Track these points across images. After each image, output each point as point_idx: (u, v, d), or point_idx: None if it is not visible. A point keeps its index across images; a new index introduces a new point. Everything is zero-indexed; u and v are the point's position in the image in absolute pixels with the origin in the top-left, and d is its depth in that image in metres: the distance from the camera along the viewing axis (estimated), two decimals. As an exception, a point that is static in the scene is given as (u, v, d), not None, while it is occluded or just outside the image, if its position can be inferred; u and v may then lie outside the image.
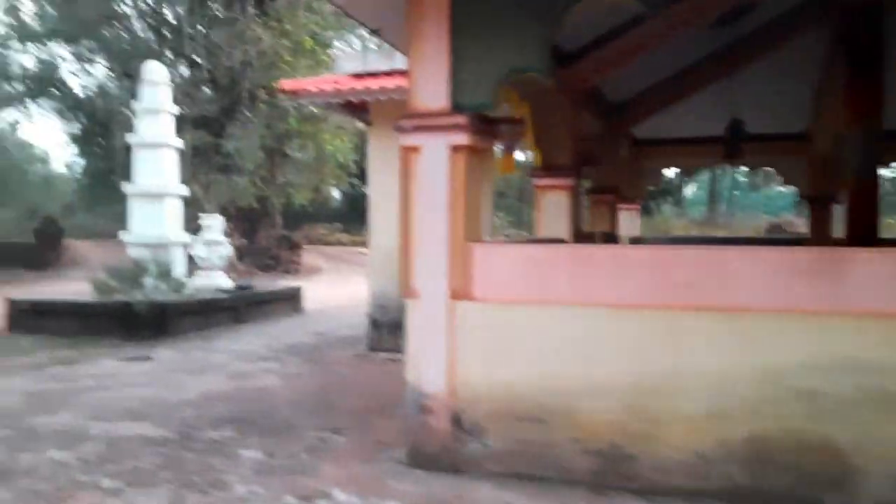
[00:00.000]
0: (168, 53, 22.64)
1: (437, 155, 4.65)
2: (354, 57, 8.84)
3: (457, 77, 4.60)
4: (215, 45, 21.16)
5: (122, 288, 10.33)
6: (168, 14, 25.39)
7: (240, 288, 12.46)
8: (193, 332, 10.56)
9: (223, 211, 18.69)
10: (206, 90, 22.76)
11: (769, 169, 14.92)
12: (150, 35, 26.84)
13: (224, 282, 12.81)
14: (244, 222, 21.04)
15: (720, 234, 24.07)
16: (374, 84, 8.32)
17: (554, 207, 7.99)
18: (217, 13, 22.11)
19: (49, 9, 25.63)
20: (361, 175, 30.89)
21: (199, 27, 21.89)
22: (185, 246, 12.25)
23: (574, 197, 8.13)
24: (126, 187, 11.82)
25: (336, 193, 28.12)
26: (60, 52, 27.56)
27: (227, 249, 12.95)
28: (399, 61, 8.35)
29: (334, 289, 17.98)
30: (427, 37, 4.63)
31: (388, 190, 8.73)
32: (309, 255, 23.74)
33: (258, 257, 20.98)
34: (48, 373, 7.76)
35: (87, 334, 9.92)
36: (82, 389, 6.93)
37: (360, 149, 23.90)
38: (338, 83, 8.54)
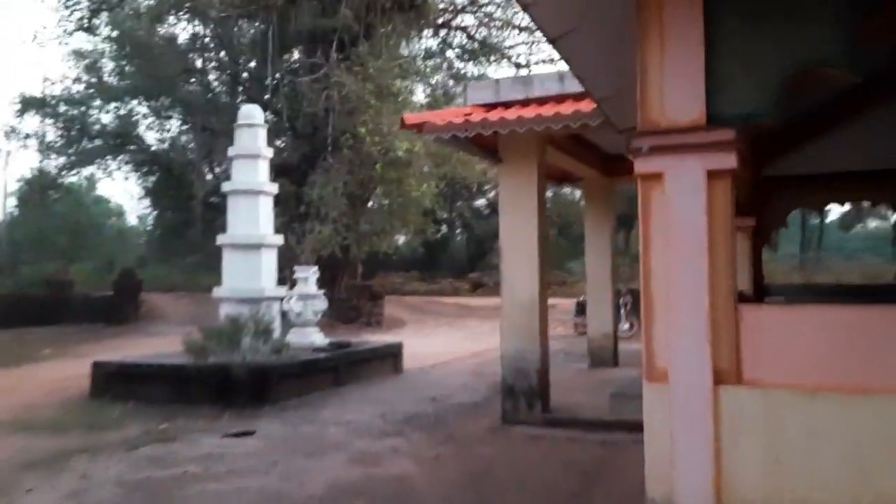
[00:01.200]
0: (243, 103, 22.31)
1: (688, 183, 3.39)
2: (485, 86, 7.78)
3: (717, 79, 3.38)
4: (297, 92, 20.66)
5: (218, 349, 9.32)
6: (247, 64, 25.26)
7: (337, 346, 11.37)
8: (294, 397, 9.46)
9: (295, 261, 17.89)
10: (287, 138, 22.26)
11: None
12: (226, 87, 26.78)
13: (319, 339, 11.76)
14: (324, 272, 20.15)
15: (850, 280, 21.94)
16: (509, 115, 7.20)
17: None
18: (298, 61, 21.75)
19: (128, 66, 25.81)
20: (442, 221, 30.04)
21: (279, 75, 21.47)
22: (280, 301, 11.27)
23: (754, 240, 6.81)
24: (220, 238, 10.95)
25: (404, 240, 27.09)
26: (138, 108, 27.72)
27: (322, 304, 11.93)
28: (537, 88, 7.24)
29: (425, 344, 16.76)
30: (671, 27, 3.44)
31: (522, 233, 7.57)
32: (390, 307, 22.68)
33: (339, 309, 19.99)
34: (144, 454, 6.70)
35: (180, 402, 8.91)
36: (189, 480, 5.81)
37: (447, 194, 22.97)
38: (468, 115, 7.45)
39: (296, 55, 23.21)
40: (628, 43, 3.71)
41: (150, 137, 29.10)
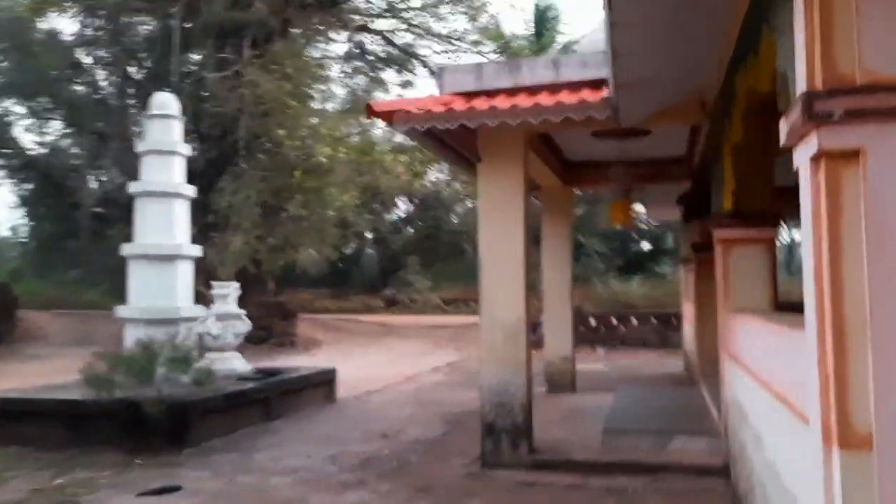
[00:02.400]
0: (135, 106, 20.26)
1: (899, 163, 2.41)
2: (464, 71, 6.66)
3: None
4: (203, 91, 18.90)
5: (126, 380, 7.72)
6: (145, 61, 23.10)
7: (265, 374, 9.89)
8: (219, 436, 7.97)
9: (208, 275, 16.16)
10: (190, 140, 20.35)
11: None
12: (116, 87, 24.42)
13: (241, 365, 10.23)
14: (231, 289, 18.43)
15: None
16: (501, 103, 6.13)
17: (746, 266, 5.83)
18: (204, 58, 19.94)
19: (4, 62, 23.13)
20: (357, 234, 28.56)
21: (184, 71, 19.63)
22: (195, 322, 9.70)
23: (774, 254, 5.99)
24: (126, 248, 9.28)
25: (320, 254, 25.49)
26: (14, 108, 24.88)
27: (244, 325, 10.41)
28: (527, 75, 6.20)
29: (351, 367, 15.34)
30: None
31: (505, 244, 6.49)
32: (303, 326, 21.07)
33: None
34: (38, 525, 5.14)
35: (78, 446, 7.27)
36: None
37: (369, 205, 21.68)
38: (447, 103, 6.32)
39: (202, 53, 21.33)
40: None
41: (28, 140, 26.22)
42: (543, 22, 28.28)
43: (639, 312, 18.74)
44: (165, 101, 9.72)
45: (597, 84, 6.26)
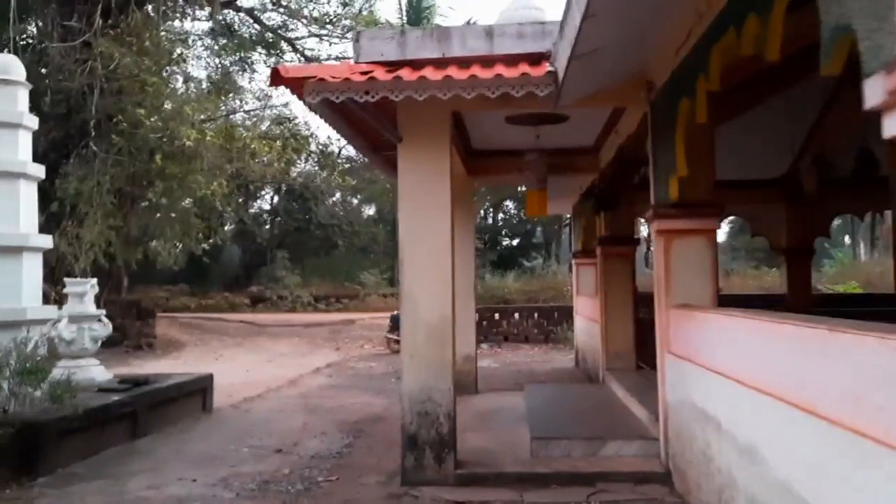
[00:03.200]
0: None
1: None
2: (386, 37, 5.85)
3: None
4: (44, 63, 16.75)
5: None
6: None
7: (131, 383, 8.59)
8: (80, 459, 6.75)
9: (53, 271, 14.30)
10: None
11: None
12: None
13: (100, 374, 8.88)
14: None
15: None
16: (432, 75, 5.40)
17: (690, 259, 5.49)
18: (46, 26, 17.69)
19: None
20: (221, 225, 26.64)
21: (20, 39, 17.30)
22: (45, 325, 8.27)
23: (716, 246, 5.68)
24: (-43, 237, 7.71)
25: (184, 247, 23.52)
26: None
27: (105, 328, 9.04)
28: (457, 45, 5.54)
29: (223, 371, 14.00)
30: None
31: (430, 234, 5.80)
32: (162, 326, 19.32)
33: (100, 330, 16.43)
34: None
35: None
36: None
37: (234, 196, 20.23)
38: (367, 72, 5.52)
39: (43, 20, 18.97)
40: None
41: None
42: (419, 11, 27.71)
43: (521, 307, 18.58)
44: (7, 65, 8.20)
45: (535, 58, 5.69)
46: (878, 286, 22.76)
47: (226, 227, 26.81)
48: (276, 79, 5.44)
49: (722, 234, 32.55)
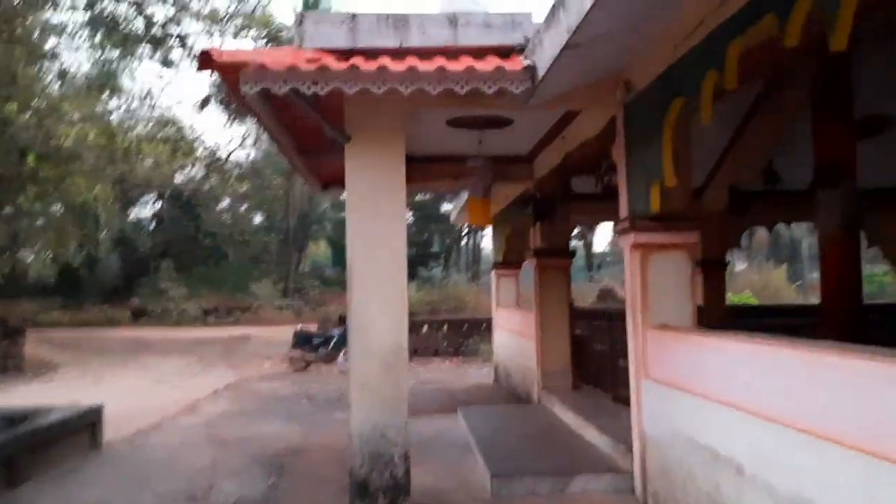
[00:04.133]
0: None
1: None
2: (336, 21, 5.04)
3: None
4: None
5: None
6: None
7: (5, 420, 7.30)
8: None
9: None
10: None
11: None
12: None
13: (-35, 409, 7.53)
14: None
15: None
16: (395, 66, 4.69)
17: (669, 276, 5.08)
18: None
19: None
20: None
21: None
22: None
23: (695, 262, 5.28)
24: None
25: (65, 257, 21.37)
26: None
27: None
28: (416, 34, 4.89)
29: (107, 396, 12.52)
30: None
31: (382, 248, 5.10)
32: (31, 345, 17.34)
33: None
34: None
35: None
36: None
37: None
38: (314, 59, 4.74)
39: None
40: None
41: None
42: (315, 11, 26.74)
43: (430, 320, 17.97)
44: None
45: (504, 51, 5.09)
46: (763, 297, 23.77)
47: (103, 235, 24.78)
48: (206, 62, 4.56)
49: (605, 242, 33.18)
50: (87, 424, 8.34)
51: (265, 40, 23.06)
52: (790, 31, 3.20)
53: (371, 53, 4.98)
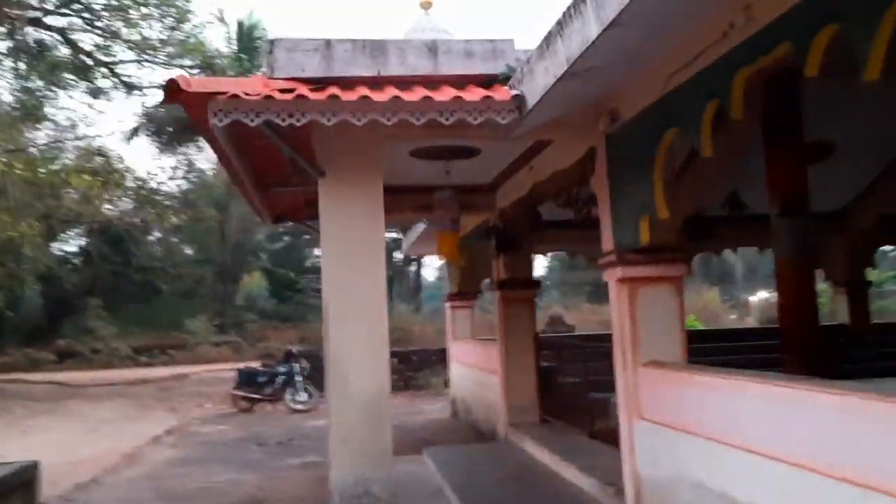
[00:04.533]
0: None
1: None
2: (308, 48, 4.74)
3: None
4: None
5: None
6: None
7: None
8: None
9: None
10: None
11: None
12: None
13: None
14: None
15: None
16: (378, 96, 4.43)
17: (658, 310, 4.95)
18: None
19: None
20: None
21: None
22: None
23: (683, 294, 5.17)
24: None
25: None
26: None
27: None
28: (395, 63, 4.68)
29: (33, 447, 11.66)
30: None
31: (361, 290, 4.81)
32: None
33: None
34: None
35: None
36: None
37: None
38: (287, 90, 4.43)
39: None
40: None
41: None
42: (249, 41, 26.23)
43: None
44: None
45: (485, 81, 4.90)
46: (704, 320, 24.15)
47: (27, 273, 23.44)
48: (174, 92, 4.20)
49: (542, 268, 33.23)
50: (20, 484, 7.63)
51: (198, 69, 22.47)
52: (811, 59, 3.09)
53: (347, 83, 4.71)
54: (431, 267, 35.94)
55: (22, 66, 18.04)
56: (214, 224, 27.52)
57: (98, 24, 20.31)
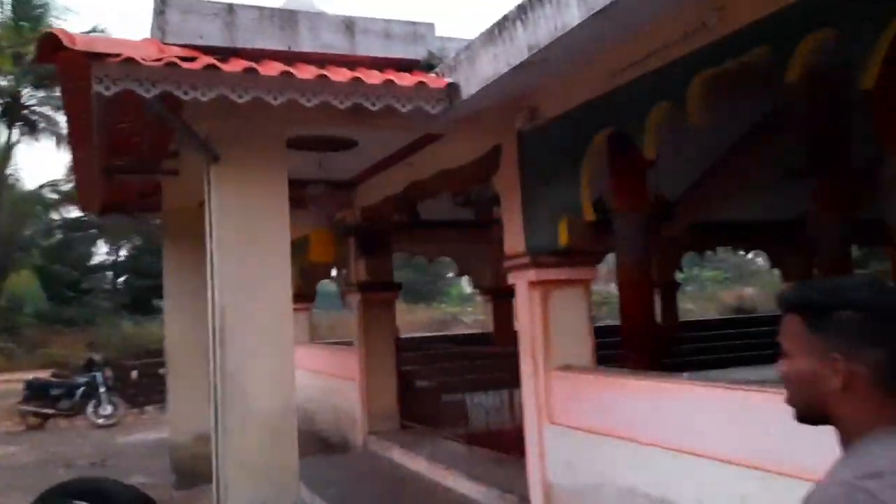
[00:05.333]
0: None
1: None
2: (206, 11, 4.02)
3: None
4: None
5: None
6: None
7: None
8: None
9: None
10: None
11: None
12: None
13: None
14: None
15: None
16: (302, 73, 3.88)
17: (568, 314, 4.96)
18: None
19: None
20: None
21: None
22: None
23: (590, 296, 5.20)
24: None
25: None
26: None
27: None
28: (306, 37, 4.25)
29: None
30: None
31: (262, 290, 4.29)
32: None
33: None
34: None
35: None
36: None
37: None
38: (191, 58, 3.77)
39: None
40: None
41: None
42: (28, 7, 23.09)
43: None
44: None
45: (405, 65, 4.51)
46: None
47: None
48: (51, 50, 3.38)
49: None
50: None
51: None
52: (793, 64, 3.10)
53: (251, 55, 4.09)
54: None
55: None
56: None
57: None
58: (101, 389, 12.74)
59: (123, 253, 29.41)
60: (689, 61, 3.60)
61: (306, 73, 3.86)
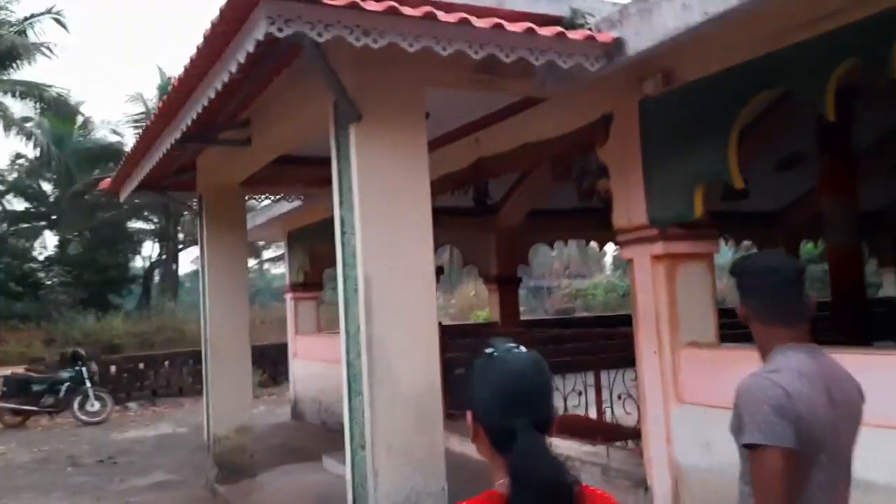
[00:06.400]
0: None
1: None
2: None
3: None
4: None
5: None
6: None
7: None
8: None
9: None
10: None
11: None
12: None
13: None
14: None
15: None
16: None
17: (695, 289, 4.83)
18: None
19: None
20: None
21: None
22: None
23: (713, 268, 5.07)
24: None
25: None
26: None
27: None
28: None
29: None
30: None
31: (409, 257, 4.01)
32: None
33: None
34: None
35: None
36: None
37: None
38: (376, 2, 3.43)
39: None
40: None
41: None
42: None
43: (173, 354, 15.44)
44: None
45: (549, 22, 4.24)
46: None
47: None
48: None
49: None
50: None
51: None
52: None
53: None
54: (187, 259, 33.09)
55: None
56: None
57: None
58: (88, 385, 12.00)
59: (74, 246, 28.04)
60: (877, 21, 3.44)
61: (451, 17, 3.55)
